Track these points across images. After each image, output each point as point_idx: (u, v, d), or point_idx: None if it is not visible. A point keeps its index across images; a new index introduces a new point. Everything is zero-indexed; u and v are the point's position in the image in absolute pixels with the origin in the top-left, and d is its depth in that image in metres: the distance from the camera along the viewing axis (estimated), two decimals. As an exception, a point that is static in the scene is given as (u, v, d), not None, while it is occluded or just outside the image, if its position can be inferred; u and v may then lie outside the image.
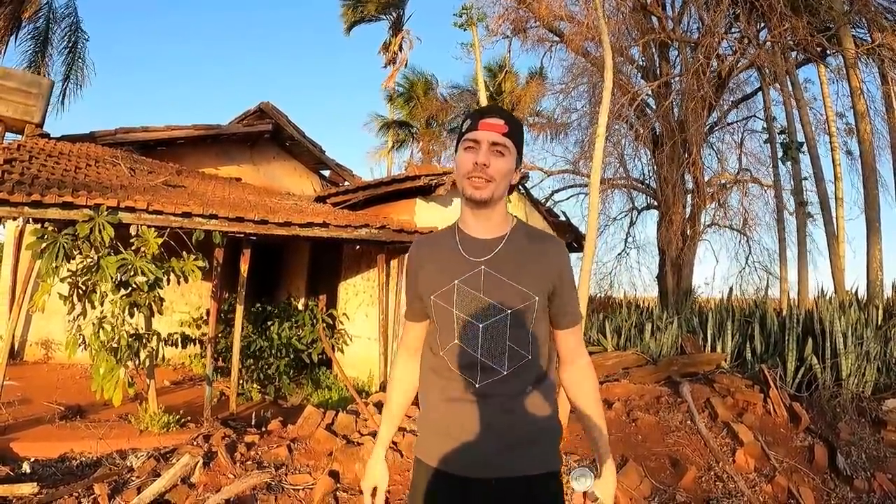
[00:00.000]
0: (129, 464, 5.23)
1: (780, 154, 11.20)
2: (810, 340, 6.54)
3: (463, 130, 1.82)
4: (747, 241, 15.39)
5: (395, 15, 24.79)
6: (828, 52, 11.00)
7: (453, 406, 1.82)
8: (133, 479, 4.79)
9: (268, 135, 13.12)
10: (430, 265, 1.90)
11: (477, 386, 1.79)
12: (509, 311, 1.78)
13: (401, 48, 24.98)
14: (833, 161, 11.58)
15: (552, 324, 1.89)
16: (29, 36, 15.37)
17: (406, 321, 2.06)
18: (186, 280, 6.41)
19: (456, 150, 1.85)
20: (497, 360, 1.79)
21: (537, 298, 1.79)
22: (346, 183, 13.56)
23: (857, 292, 9.17)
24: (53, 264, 5.69)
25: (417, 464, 1.93)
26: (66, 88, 15.64)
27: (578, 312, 1.92)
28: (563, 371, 1.95)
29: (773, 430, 5.51)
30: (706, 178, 14.37)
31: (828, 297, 8.21)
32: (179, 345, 7.04)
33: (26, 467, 5.24)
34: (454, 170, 1.88)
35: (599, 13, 7.09)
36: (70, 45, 15.77)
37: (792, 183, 11.43)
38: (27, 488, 4.49)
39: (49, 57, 15.65)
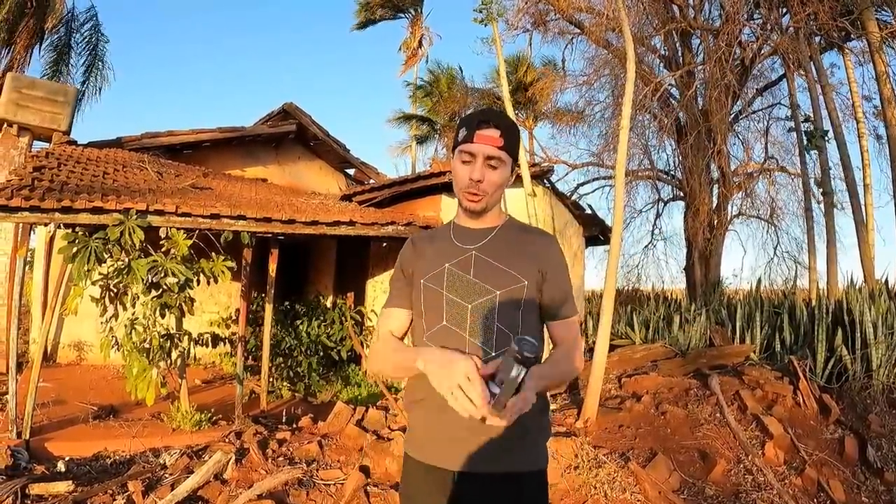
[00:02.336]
0: (162, 461, 5.33)
1: (805, 142, 11.05)
2: (840, 331, 6.44)
3: (459, 140, 1.81)
4: (775, 230, 15.22)
5: (413, 12, 24.86)
6: (851, 36, 10.82)
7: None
8: (166, 476, 4.88)
9: (292, 135, 13.21)
10: (424, 254, 1.91)
11: None
12: (498, 293, 1.77)
13: (420, 44, 25.04)
14: (861, 148, 11.38)
15: (544, 315, 1.86)
16: (51, 47, 15.54)
17: (385, 309, 2.02)
18: (216, 280, 6.50)
19: (453, 155, 1.85)
20: (485, 340, 1.75)
21: (526, 283, 1.78)
22: (372, 181, 13.59)
23: (887, 281, 9.02)
24: (85, 268, 5.80)
25: (407, 460, 1.90)
26: (85, 93, 15.71)
27: (571, 307, 1.88)
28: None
29: (802, 423, 5.46)
30: (732, 168, 14.24)
31: (857, 287, 8.08)
32: (210, 344, 7.14)
33: (61, 466, 5.36)
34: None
35: (620, 4, 7.06)
36: (91, 49, 15.92)
37: (819, 171, 11.26)
38: (62, 486, 4.60)
39: (72, 66, 15.85)
